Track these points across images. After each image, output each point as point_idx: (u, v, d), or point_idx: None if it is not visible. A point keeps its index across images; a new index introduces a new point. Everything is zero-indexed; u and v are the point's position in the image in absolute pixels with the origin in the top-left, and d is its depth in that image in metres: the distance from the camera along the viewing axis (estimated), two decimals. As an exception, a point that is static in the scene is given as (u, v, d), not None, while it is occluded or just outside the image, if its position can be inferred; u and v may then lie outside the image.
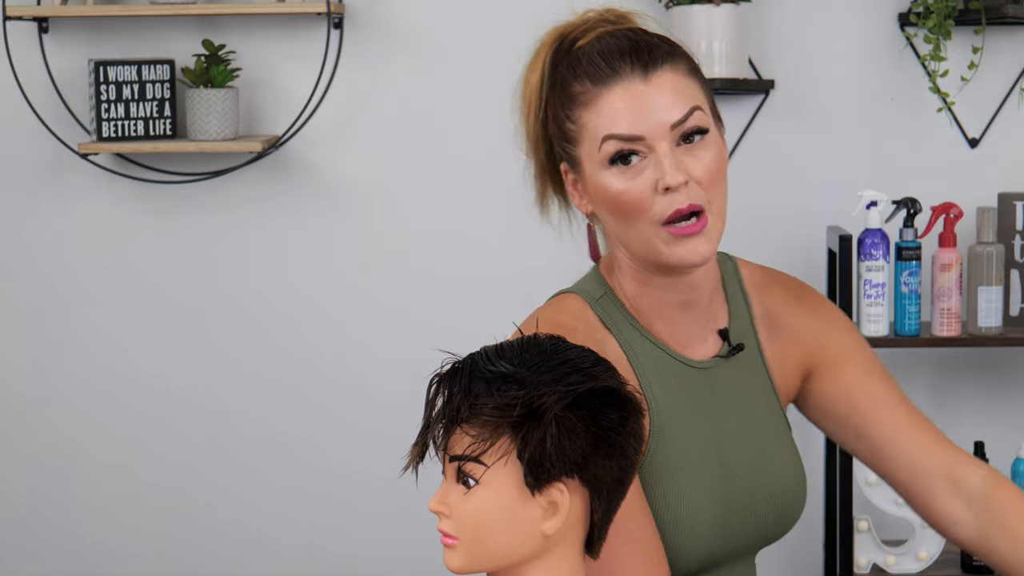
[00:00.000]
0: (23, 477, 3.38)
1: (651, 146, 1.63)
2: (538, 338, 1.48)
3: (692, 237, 1.64)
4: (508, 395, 1.41)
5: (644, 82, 1.64)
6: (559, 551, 1.47)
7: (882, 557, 3.08)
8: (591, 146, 1.66)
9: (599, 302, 1.74)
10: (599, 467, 1.44)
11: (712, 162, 1.65)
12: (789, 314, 1.82)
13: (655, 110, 1.63)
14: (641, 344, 1.72)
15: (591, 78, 1.66)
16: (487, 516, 1.44)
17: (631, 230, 1.66)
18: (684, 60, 1.68)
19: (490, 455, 1.43)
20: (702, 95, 1.68)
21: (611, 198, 1.66)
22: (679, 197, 1.63)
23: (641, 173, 1.64)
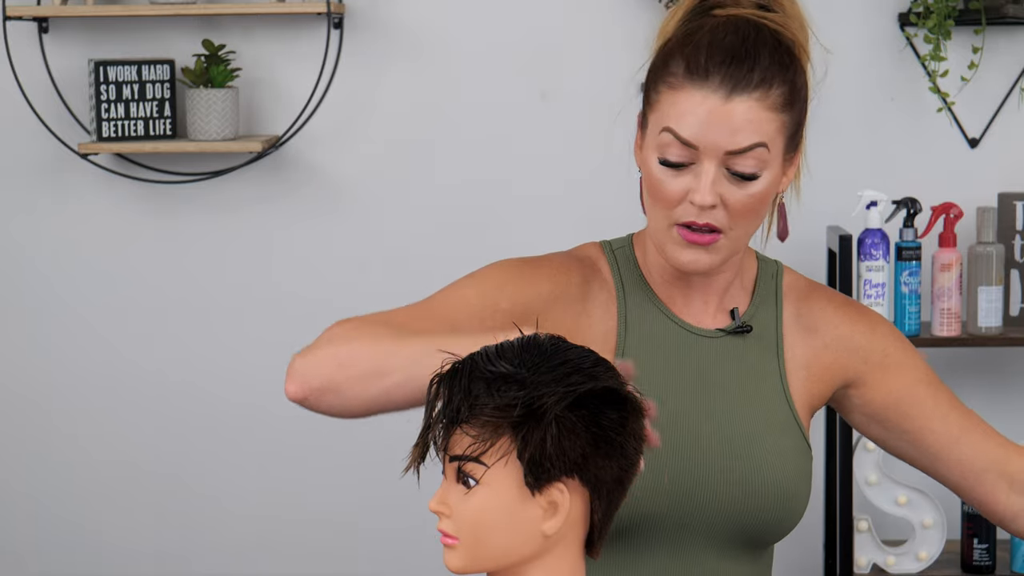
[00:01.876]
0: (22, 475, 3.38)
1: (700, 158, 1.65)
2: (538, 338, 1.48)
3: (698, 247, 1.68)
4: (508, 395, 1.42)
5: (724, 101, 1.65)
6: (559, 551, 1.47)
7: (882, 557, 3.08)
8: (656, 123, 1.68)
9: (615, 252, 1.79)
10: (599, 467, 1.44)
11: (751, 198, 1.67)
12: (828, 324, 1.82)
13: (719, 131, 1.64)
14: (639, 298, 1.76)
15: (687, 66, 1.67)
16: (487, 516, 1.44)
17: (652, 212, 1.71)
18: (781, 89, 1.68)
19: (490, 455, 1.43)
20: (779, 131, 1.68)
21: (649, 179, 1.69)
22: (702, 215, 1.66)
23: (683, 175, 1.67)
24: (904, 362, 1.83)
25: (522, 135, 3.28)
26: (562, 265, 1.78)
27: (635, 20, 3.25)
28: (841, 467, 3.01)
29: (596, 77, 3.27)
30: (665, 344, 1.74)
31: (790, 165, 1.76)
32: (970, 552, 3.05)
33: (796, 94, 1.70)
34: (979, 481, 1.80)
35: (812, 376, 1.81)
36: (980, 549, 3.04)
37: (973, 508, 1.84)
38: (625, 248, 1.80)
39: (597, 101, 3.28)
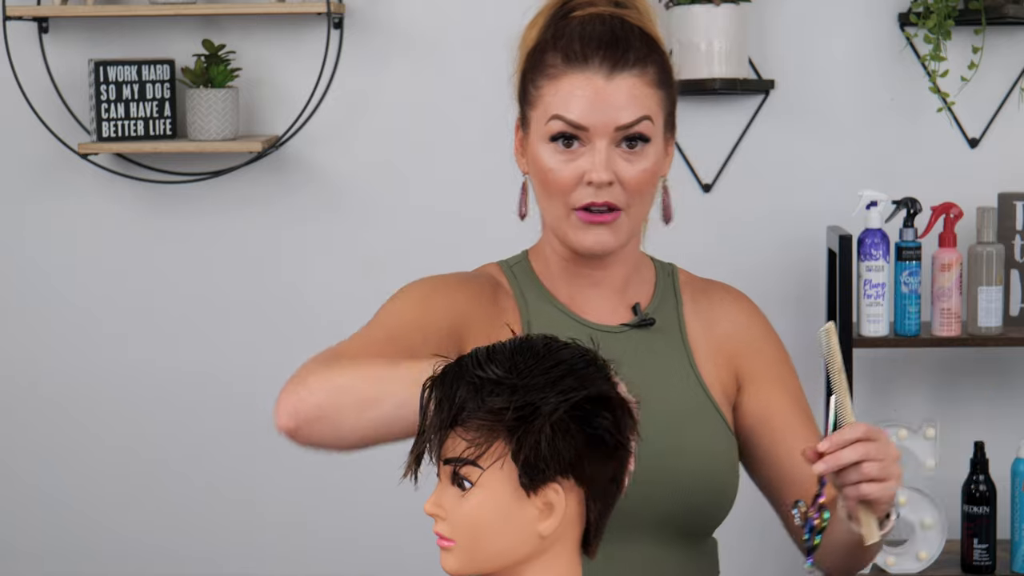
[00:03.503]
0: (22, 474, 3.38)
1: (592, 139, 1.72)
2: (531, 340, 1.48)
3: (599, 227, 1.74)
4: (496, 400, 1.42)
5: (607, 79, 1.73)
6: (555, 551, 1.47)
7: (882, 557, 3.08)
8: (541, 116, 1.76)
9: (513, 268, 1.85)
10: (594, 467, 1.44)
11: (644, 171, 1.74)
12: (727, 316, 1.87)
13: (607, 108, 1.72)
14: (539, 304, 1.81)
15: (564, 56, 1.75)
16: (483, 518, 1.44)
17: (549, 204, 1.77)
18: (655, 68, 1.76)
19: (486, 458, 1.43)
20: (659, 106, 1.76)
21: (541, 171, 1.76)
22: (600, 193, 1.73)
23: (575, 159, 1.73)
24: (785, 380, 1.87)
25: (522, 135, 3.27)
26: (473, 277, 1.83)
27: (635, 20, 3.25)
28: (841, 467, 3.01)
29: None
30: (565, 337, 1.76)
31: (670, 148, 1.82)
32: (970, 552, 3.05)
33: (667, 74, 1.78)
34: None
35: (720, 365, 1.84)
36: (980, 549, 3.04)
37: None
38: (522, 263, 1.87)
39: (597, 101, 3.28)
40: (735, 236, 3.28)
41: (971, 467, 3.07)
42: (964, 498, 3.06)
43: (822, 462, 1.61)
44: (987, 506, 3.04)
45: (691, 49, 3.13)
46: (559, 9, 1.82)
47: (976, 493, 3.05)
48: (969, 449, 3.12)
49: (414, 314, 1.76)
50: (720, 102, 3.27)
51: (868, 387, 3.27)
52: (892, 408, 3.28)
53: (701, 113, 3.27)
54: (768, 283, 3.28)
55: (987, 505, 3.04)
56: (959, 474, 3.13)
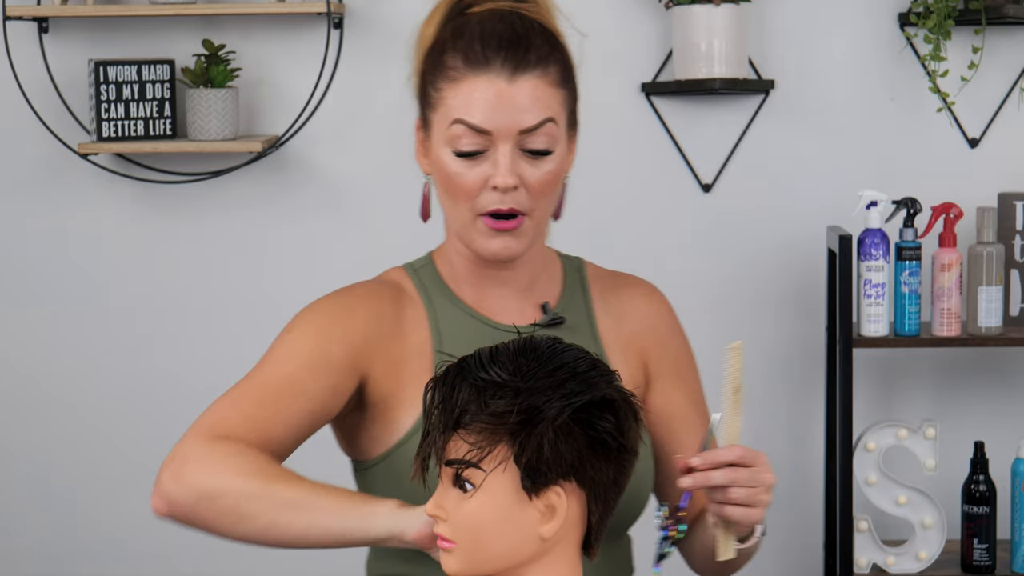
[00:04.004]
0: (22, 474, 3.38)
1: (495, 143, 1.70)
2: (534, 341, 1.47)
3: (505, 234, 1.72)
4: (499, 403, 1.41)
5: (509, 81, 1.70)
6: (556, 553, 1.47)
7: (882, 557, 3.08)
8: (443, 120, 1.73)
9: (418, 271, 1.84)
10: (596, 470, 1.44)
11: (548, 175, 1.72)
12: (637, 311, 1.85)
13: (510, 111, 1.69)
14: (446, 306, 1.79)
15: (464, 58, 1.72)
16: (484, 520, 1.44)
17: (453, 209, 1.75)
18: (557, 67, 1.74)
19: (488, 461, 1.43)
20: (562, 106, 1.73)
21: (445, 176, 1.75)
22: (505, 198, 1.70)
23: (479, 165, 1.71)
24: (688, 377, 1.88)
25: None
26: (372, 294, 1.80)
27: (635, 20, 3.25)
28: (841, 467, 3.01)
29: (596, 77, 3.27)
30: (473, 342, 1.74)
31: (573, 145, 1.79)
32: (970, 552, 3.05)
33: (569, 71, 1.76)
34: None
35: (631, 361, 1.83)
36: (980, 549, 3.04)
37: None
38: (427, 266, 1.85)
39: (596, 101, 3.27)
40: (735, 236, 3.28)
41: (971, 467, 3.07)
42: (964, 498, 3.06)
43: (689, 477, 1.60)
44: (987, 506, 3.04)
45: (691, 49, 3.13)
46: (455, 5, 1.79)
47: (976, 493, 3.05)
48: (969, 449, 3.12)
49: (309, 352, 1.72)
50: (720, 102, 3.27)
51: (868, 387, 3.27)
52: (892, 408, 3.28)
53: (701, 113, 3.27)
54: (768, 283, 3.28)
55: (987, 505, 3.04)
56: (959, 474, 3.13)
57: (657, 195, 3.29)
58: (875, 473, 3.06)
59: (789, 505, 3.32)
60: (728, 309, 3.29)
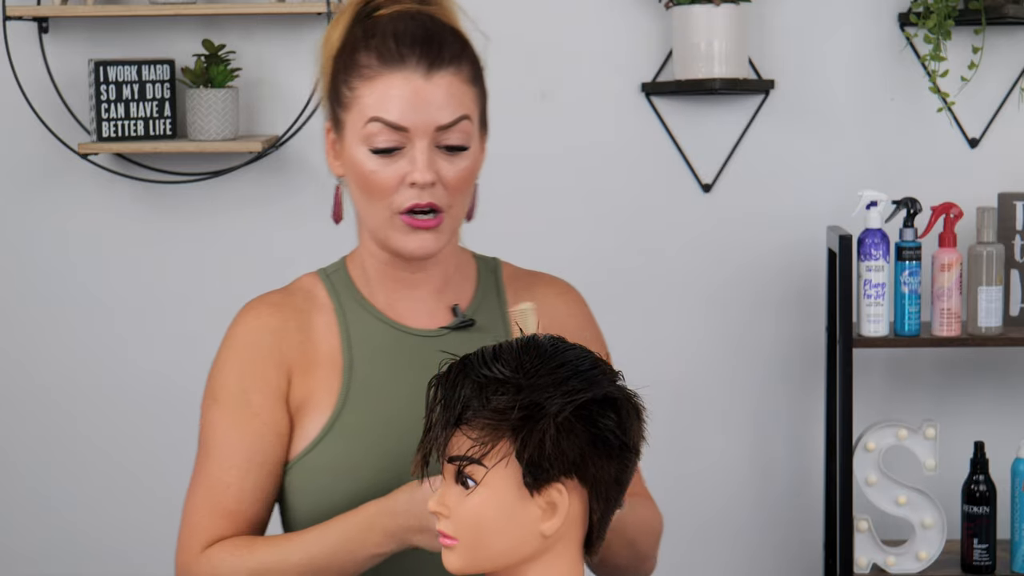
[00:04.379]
0: (22, 474, 3.38)
1: (412, 139, 1.70)
2: (537, 339, 1.48)
3: (423, 231, 1.72)
4: (502, 400, 1.42)
5: (425, 78, 1.71)
6: (558, 551, 1.47)
7: (882, 557, 3.08)
8: (358, 119, 1.72)
9: (330, 276, 1.85)
10: (598, 467, 1.44)
11: (464, 171, 1.73)
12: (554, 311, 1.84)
13: (427, 108, 1.70)
14: (358, 313, 1.80)
15: (379, 56, 1.72)
16: (486, 517, 1.44)
17: (370, 208, 1.74)
18: (469, 65, 1.76)
19: (490, 457, 1.43)
20: (475, 103, 1.75)
21: (361, 175, 1.73)
22: (423, 194, 1.71)
23: (395, 162, 1.71)
24: None
25: (522, 135, 3.27)
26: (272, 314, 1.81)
27: (635, 20, 3.25)
28: (841, 467, 3.01)
29: (596, 77, 3.27)
30: (390, 352, 1.77)
31: (483, 145, 1.81)
32: (970, 552, 3.05)
33: (479, 70, 1.78)
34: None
35: None
36: (980, 549, 3.04)
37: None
38: (340, 271, 1.85)
39: (597, 101, 3.28)
40: (735, 236, 3.28)
41: (971, 467, 3.07)
42: (964, 498, 3.06)
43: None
44: (987, 506, 3.04)
45: (691, 49, 3.13)
46: (363, 8, 1.79)
47: (976, 493, 3.05)
48: (969, 449, 3.12)
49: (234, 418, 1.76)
50: (720, 102, 3.27)
51: (868, 387, 3.27)
52: (892, 408, 3.28)
53: (701, 113, 3.27)
54: (768, 283, 3.28)
55: (987, 505, 3.04)
56: (959, 474, 3.13)
57: (657, 195, 3.29)
58: (875, 473, 3.06)
59: (789, 505, 3.32)
60: (728, 309, 3.29)
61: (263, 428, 1.75)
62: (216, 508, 1.74)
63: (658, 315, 3.29)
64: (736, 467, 3.32)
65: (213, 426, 1.77)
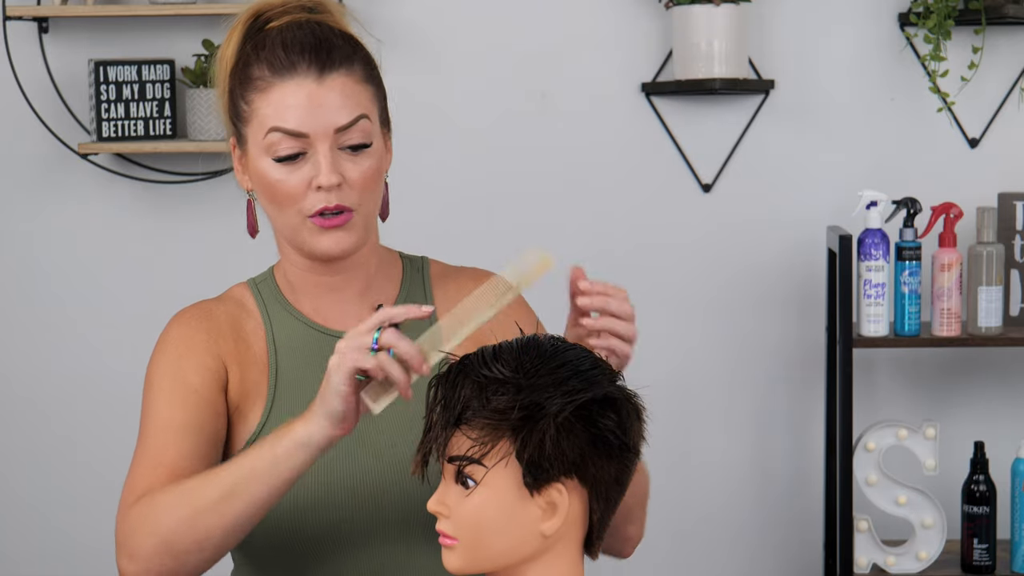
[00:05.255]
0: (23, 475, 3.38)
1: (313, 144, 1.72)
2: (537, 339, 1.48)
3: (336, 230, 1.74)
4: (501, 399, 1.42)
5: (317, 82, 1.73)
6: (558, 551, 1.47)
7: (882, 557, 3.08)
8: (258, 131, 1.74)
9: (259, 285, 1.87)
10: (598, 467, 1.44)
11: (369, 169, 1.74)
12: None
13: (323, 112, 1.72)
14: (283, 318, 1.83)
15: (270, 66, 1.74)
16: (486, 516, 1.44)
17: (281, 216, 1.77)
18: (361, 65, 1.77)
19: (490, 457, 1.43)
20: (372, 102, 1.77)
21: (267, 185, 1.75)
22: (330, 196, 1.72)
23: (300, 168, 1.73)
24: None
25: (522, 135, 3.28)
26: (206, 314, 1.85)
27: (635, 20, 3.25)
28: (841, 467, 3.01)
29: (596, 77, 3.27)
30: (315, 356, 1.79)
31: (388, 143, 1.82)
32: (970, 552, 3.05)
33: (373, 69, 1.80)
34: None
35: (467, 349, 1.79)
36: (980, 549, 3.04)
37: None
38: (268, 280, 1.88)
39: (597, 101, 3.28)
40: (735, 236, 3.28)
41: (971, 467, 3.07)
42: (964, 498, 3.06)
43: (586, 297, 1.64)
44: (987, 506, 3.04)
45: (691, 49, 3.13)
46: (253, 23, 1.82)
47: (976, 493, 3.05)
48: (969, 449, 3.12)
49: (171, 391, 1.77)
50: (720, 102, 3.27)
51: (868, 387, 3.27)
52: (892, 408, 3.28)
53: (701, 113, 3.27)
54: (768, 283, 3.28)
55: (987, 505, 3.04)
56: (959, 474, 3.13)
57: (657, 195, 3.29)
58: (875, 473, 3.06)
59: (789, 505, 3.32)
60: (728, 309, 3.29)
61: (201, 402, 1.76)
62: (154, 465, 1.74)
63: (658, 315, 3.28)
64: (736, 467, 3.32)
65: (150, 405, 1.79)
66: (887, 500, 3.07)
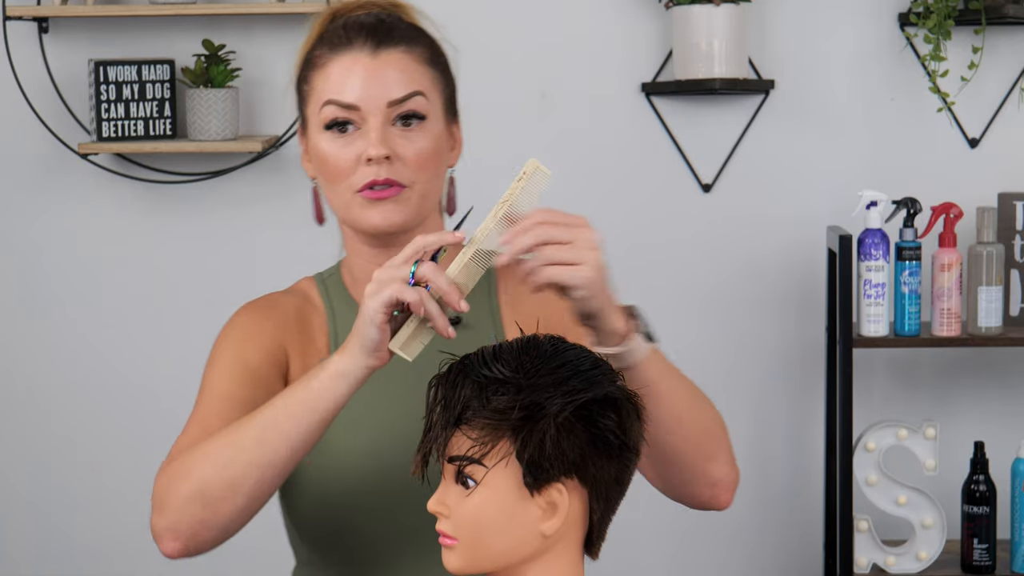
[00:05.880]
0: (24, 476, 3.38)
1: (365, 117, 1.71)
2: (537, 339, 1.48)
3: (385, 202, 1.73)
4: (502, 400, 1.42)
5: (372, 56, 1.72)
6: (558, 551, 1.47)
7: (882, 557, 3.08)
8: (315, 107, 1.74)
9: (325, 280, 1.87)
10: (597, 467, 1.44)
11: (423, 148, 1.74)
12: (528, 294, 1.78)
13: (376, 84, 1.71)
14: (346, 313, 1.82)
15: (328, 44, 1.74)
16: (486, 516, 1.44)
17: (334, 193, 1.76)
18: (424, 48, 1.76)
19: (491, 457, 1.43)
20: (433, 84, 1.77)
21: (321, 160, 1.74)
22: (380, 170, 1.71)
23: (352, 142, 1.72)
24: (581, 336, 1.80)
25: (522, 135, 3.28)
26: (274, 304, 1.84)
27: (635, 20, 3.26)
28: (841, 467, 3.01)
29: (596, 77, 3.27)
30: None
31: (454, 140, 1.84)
32: (970, 552, 3.05)
33: (439, 56, 1.79)
34: None
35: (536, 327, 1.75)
36: (980, 549, 3.04)
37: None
38: (334, 275, 1.87)
39: (597, 101, 3.28)
40: (735, 236, 3.28)
41: (971, 467, 3.07)
42: (964, 498, 3.06)
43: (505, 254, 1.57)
44: (987, 506, 3.04)
45: (691, 49, 3.13)
46: (332, 21, 1.81)
47: (976, 493, 3.05)
48: (969, 449, 3.12)
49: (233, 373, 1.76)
50: (720, 102, 3.27)
51: (868, 387, 3.27)
52: (892, 408, 3.28)
53: (701, 113, 3.27)
54: (768, 283, 3.28)
55: (987, 505, 3.04)
56: (959, 474, 3.13)
57: (657, 195, 3.29)
58: (875, 473, 3.06)
59: (789, 505, 3.32)
60: (728, 309, 3.29)
61: (258, 380, 1.75)
62: (201, 429, 1.71)
63: (658, 315, 3.27)
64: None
65: (208, 378, 1.78)
66: (887, 500, 3.07)
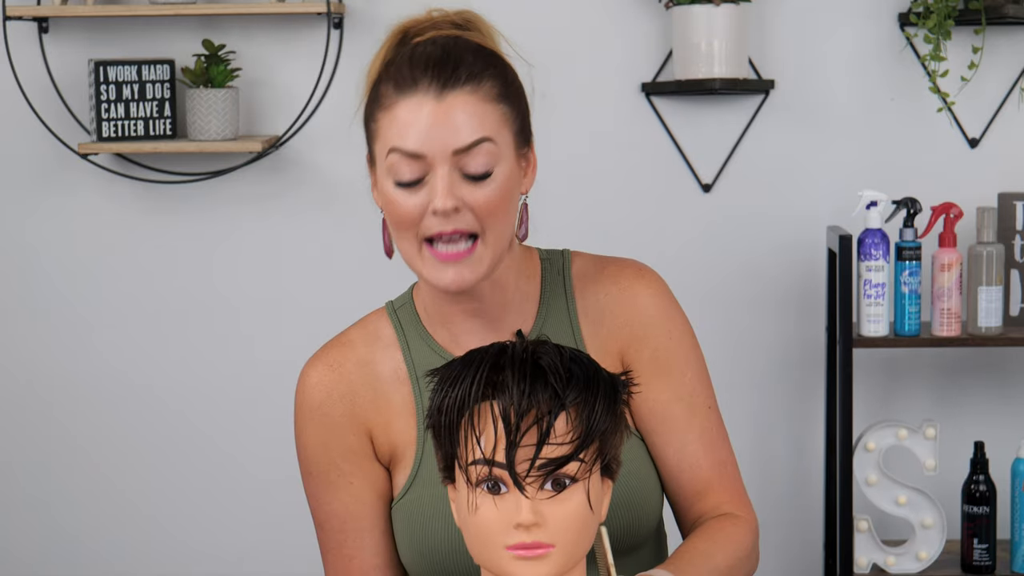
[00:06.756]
0: (24, 476, 3.38)
1: (432, 165, 1.63)
2: (501, 345, 1.45)
3: (455, 263, 1.65)
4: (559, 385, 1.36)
5: (437, 100, 1.63)
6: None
7: (882, 557, 3.08)
8: (382, 151, 1.68)
9: (398, 312, 1.79)
10: (615, 447, 1.43)
11: (493, 195, 1.64)
12: (611, 308, 1.77)
13: (442, 131, 1.62)
14: (422, 352, 1.75)
15: (395, 83, 1.66)
16: (584, 512, 1.38)
17: (401, 240, 1.68)
18: (493, 82, 1.66)
19: (584, 455, 1.37)
20: (502, 122, 1.66)
21: (388, 204, 1.68)
22: (446, 223, 1.63)
23: (418, 192, 1.64)
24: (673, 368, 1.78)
25: (522, 135, 3.27)
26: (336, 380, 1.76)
27: (635, 20, 3.26)
28: (841, 467, 3.01)
29: (596, 77, 3.27)
30: None
31: (527, 163, 1.72)
32: (970, 552, 3.05)
33: (510, 86, 1.68)
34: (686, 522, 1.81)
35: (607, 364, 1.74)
36: (980, 549, 3.04)
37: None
38: (407, 304, 1.79)
39: (597, 101, 3.28)
40: (735, 236, 3.28)
41: (971, 467, 3.07)
42: (964, 498, 3.06)
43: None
44: (987, 506, 3.04)
45: (691, 49, 3.13)
46: (401, 37, 1.74)
47: (976, 493, 3.05)
48: (969, 449, 3.12)
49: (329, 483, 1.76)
50: (720, 102, 3.27)
51: (868, 387, 3.27)
52: (892, 408, 3.28)
53: (701, 113, 3.27)
54: (768, 283, 3.28)
55: (987, 505, 3.04)
56: (959, 474, 3.13)
57: (657, 195, 3.29)
58: (875, 473, 3.06)
59: (789, 505, 3.32)
60: (728, 309, 3.29)
61: (360, 492, 1.75)
62: (344, 564, 1.77)
63: (658, 315, 3.28)
64: (736, 467, 3.32)
65: (316, 499, 1.78)
66: (887, 500, 3.07)
